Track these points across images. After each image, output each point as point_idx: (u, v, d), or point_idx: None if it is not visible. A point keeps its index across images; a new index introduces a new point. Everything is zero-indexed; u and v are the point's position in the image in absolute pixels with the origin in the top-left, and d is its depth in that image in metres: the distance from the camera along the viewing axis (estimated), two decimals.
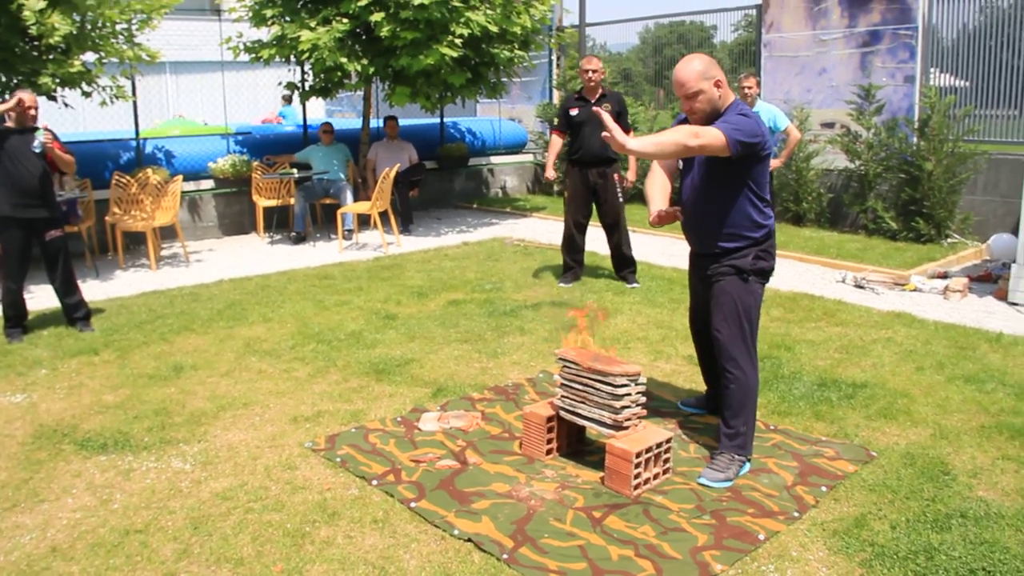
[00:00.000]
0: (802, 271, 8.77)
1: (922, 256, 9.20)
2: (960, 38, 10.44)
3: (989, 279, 8.21)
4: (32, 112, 6.68)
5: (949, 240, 9.98)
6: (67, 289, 6.94)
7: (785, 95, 11.60)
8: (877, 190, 10.64)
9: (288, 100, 18.98)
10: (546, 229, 11.28)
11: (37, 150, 6.65)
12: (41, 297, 7.83)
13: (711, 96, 4.14)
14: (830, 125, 11.21)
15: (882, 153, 10.53)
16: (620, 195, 8.08)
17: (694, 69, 4.13)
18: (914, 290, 7.92)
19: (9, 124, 6.65)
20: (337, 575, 3.44)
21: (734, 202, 4.22)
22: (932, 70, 10.61)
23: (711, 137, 3.98)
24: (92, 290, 8.23)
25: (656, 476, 4.15)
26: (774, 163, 8.33)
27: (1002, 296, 7.59)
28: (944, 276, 8.26)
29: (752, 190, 4.21)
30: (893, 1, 10.51)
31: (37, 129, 6.73)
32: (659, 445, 4.11)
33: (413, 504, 3.97)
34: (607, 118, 4.11)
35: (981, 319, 6.91)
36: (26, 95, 6.66)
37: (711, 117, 4.17)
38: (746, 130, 4.04)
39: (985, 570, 3.39)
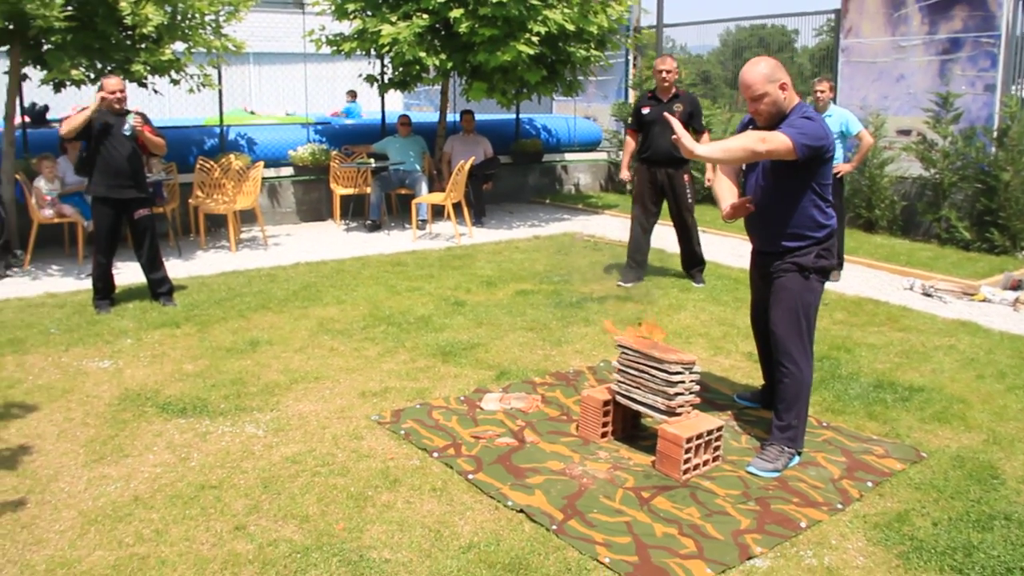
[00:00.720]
0: (870, 277, 8.75)
1: (994, 267, 9.08)
2: None
3: None
4: (117, 96, 6.98)
5: None
6: (152, 266, 7.30)
7: (862, 101, 11.52)
8: (952, 199, 10.50)
9: (354, 97, 19.32)
10: (617, 226, 11.39)
11: (127, 132, 6.99)
12: (127, 273, 8.22)
13: (776, 98, 4.25)
14: (906, 132, 11.11)
15: (958, 162, 10.40)
16: (690, 195, 8.11)
17: (760, 72, 4.23)
18: (983, 300, 7.83)
19: (104, 109, 6.98)
20: (395, 535, 3.66)
21: (798, 203, 4.31)
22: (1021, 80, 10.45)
23: (778, 142, 4.09)
24: (175, 268, 8.60)
25: (706, 463, 4.28)
26: (845, 167, 8.32)
27: None
28: (1018, 286, 8.15)
29: (816, 191, 4.31)
30: (976, 8, 10.38)
31: (129, 113, 7.07)
32: (710, 432, 4.24)
33: (471, 476, 4.17)
34: (676, 123, 4.23)
35: None
36: (109, 82, 6.99)
37: (776, 119, 4.28)
38: (811, 133, 4.13)
39: (1022, 569, 3.45)
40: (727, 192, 4.64)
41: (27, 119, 11.01)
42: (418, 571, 3.40)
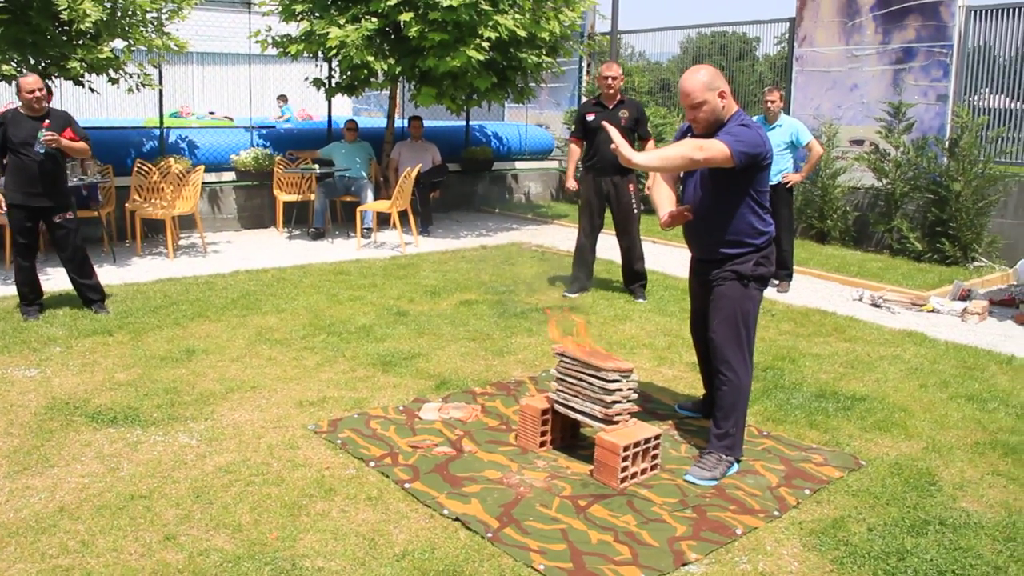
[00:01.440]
0: (819, 287, 8.82)
1: (944, 278, 9.17)
2: (1017, 58, 10.35)
3: (1012, 303, 8.10)
4: (36, 95, 6.71)
5: (975, 263, 9.91)
6: (82, 272, 7.10)
7: (815, 110, 11.63)
8: (904, 210, 10.60)
9: (285, 100, 19.27)
10: (566, 237, 11.36)
11: (41, 151, 6.69)
12: (58, 279, 8.00)
13: (715, 107, 4.26)
14: (859, 142, 11.22)
15: (910, 172, 10.50)
16: (635, 206, 8.03)
17: (700, 80, 4.24)
18: (932, 311, 7.90)
19: (21, 110, 6.78)
20: (329, 544, 3.59)
21: (736, 210, 4.32)
22: (983, 90, 10.56)
23: (716, 150, 4.10)
24: (109, 275, 8.42)
25: (644, 471, 4.26)
26: (795, 177, 8.37)
27: (1023, 321, 7.56)
28: (967, 296, 8.21)
29: (753, 198, 4.33)
30: (929, 18, 10.50)
31: (50, 114, 6.82)
32: (647, 440, 4.22)
33: (407, 485, 4.11)
34: (613, 131, 4.24)
35: (996, 342, 6.90)
36: (27, 80, 6.74)
37: (714, 127, 4.29)
38: (748, 141, 4.15)
39: (955, 573, 3.47)
40: (665, 200, 4.64)
41: None
42: None
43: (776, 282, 8.45)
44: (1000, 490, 4.26)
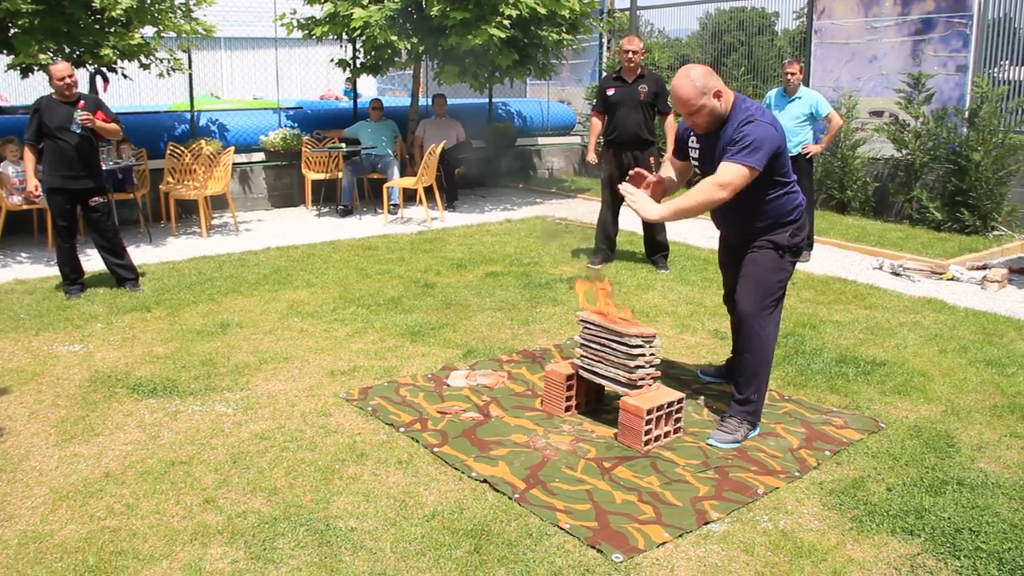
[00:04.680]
0: (839, 257, 8.85)
1: (964, 247, 9.19)
2: None
3: None
4: (67, 82, 6.88)
5: (995, 232, 9.90)
6: (115, 253, 7.29)
7: (834, 83, 11.59)
8: (923, 180, 10.57)
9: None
10: (589, 210, 11.42)
11: (76, 131, 6.90)
12: (97, 259, 8.13)
13: (712, 107, 4.20)
14: (879, 113, 11.19)
15: (930, 143, 10.47)
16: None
17: (693, 87, 4.15)
18: (951, 279, 7.92)
19: (55, 97, 6.96)
20: (361, 505, 3.74)
21: (763, 196, 4.31)
22: (1003, 62, 10.50)
23: (738, 178, 4.08)
24: (145, 254, 8.64)
25: (667, 434, 4.37)
26: (815, 148, 8.40)
27: None
28: (983, 268, 8.23)
29: (777, 181, 4.31)
30: None
31: (81, 98, 7.00)
32: (670, 404, 4.33)
33: (436, 449, 4.24)
34: (627, 188, 4.29)
35: (1015, 309, 6.93)
36: (57, 68, 6.91)
37: (716, 124, 4.27)
38: (764, 143, 4.09)
39: (971, 530, 3.55)
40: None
41: None
42: (383, 538, 3.47)
43: None
44: (1018, 451, 4.32)
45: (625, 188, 4.33)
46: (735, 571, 3.29)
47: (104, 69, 9.46)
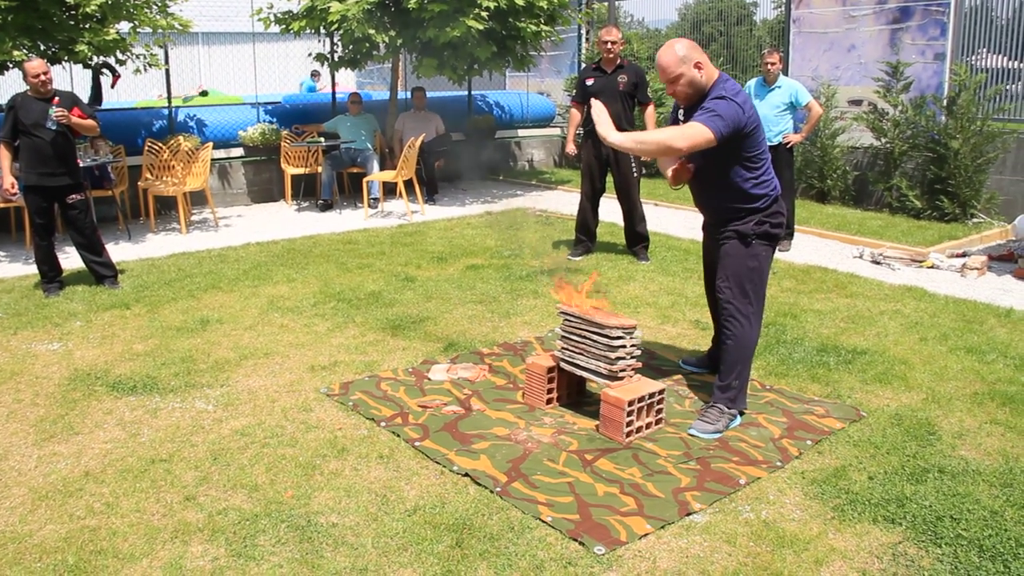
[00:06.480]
0: (820, 246, 8.88)
1: (944, 235, 9.23)
2: (1016, 17, 10.29)
3: (1011, 259, 8.14)
4: (41, 79, 6.82)
5: (974, 220, 9.94)
6: (93, 250, 7.24)
7: (813, 72, 11.61)
8: (903, 168, 10.61)
9: (317, 75, 19.24)
10: (570, 201, 11.42)
11: (52, 127, 6.84)
12: (76, 257, 8.09)
13: (692, 78, 4.29)
14: (857, 102, 11.21)
15: (908, 131, 10.51)
16: (635, 169, 8.09)
17: (674, 54, 4.28)
18: (931, 267, 7.95)
19: (29, 93, 6.89)
20: (342, 501, 3.73)
21: (729, 176, 4.37)
22: (981, 50, 10.53)
23: (697, 135, 4.14)
24: (124, 251, 8.58)
25: (648, 425, 4.37)
26: (795, 137, 8.43)
27: (1021, 275, 7.60)
28: (963, 256, 8.25)
29: (744, 165, 4.36)
30: None
31: (56, 95, 6.93)
32: (651, 395, 4.33)
33: (417, 443, 4.23)
34: (596, 105, 4.36)
35: (995, 296, 6.96)
36: (32, 64, 6.84)
37: (696, 97, 4.33)
38: (726, 114, 4.17)
39: (952, 517, 3.57)
40: (668, 160, 4.69)
41: None
42: (364, 534, 3.46)
43: None
44: (998, 438, 4.35)
45: (595, 105, 4.44)
46: (717, 562, 3.30)
47: (111, 62, 9.41)
